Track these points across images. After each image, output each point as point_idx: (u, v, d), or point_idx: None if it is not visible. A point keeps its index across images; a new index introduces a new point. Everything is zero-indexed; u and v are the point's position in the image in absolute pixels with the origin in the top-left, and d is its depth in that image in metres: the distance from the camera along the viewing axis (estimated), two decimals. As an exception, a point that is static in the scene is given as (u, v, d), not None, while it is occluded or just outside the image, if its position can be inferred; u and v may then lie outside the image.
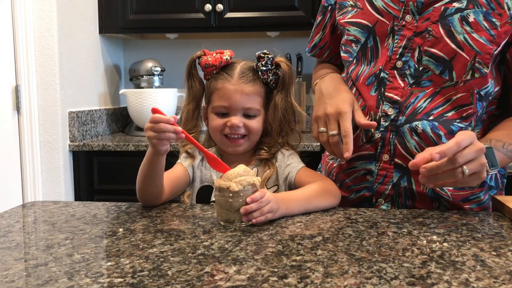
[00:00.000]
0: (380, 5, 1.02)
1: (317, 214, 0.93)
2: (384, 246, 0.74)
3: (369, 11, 1.04)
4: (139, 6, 2.42)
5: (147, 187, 0.98)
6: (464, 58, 0.95)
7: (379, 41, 1.03)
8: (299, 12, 2.34)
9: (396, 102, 1.00)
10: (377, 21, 1.02)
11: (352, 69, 1.08)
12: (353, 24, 1.06)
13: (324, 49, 1.23)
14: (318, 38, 1.22)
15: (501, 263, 0.66)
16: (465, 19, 0.95)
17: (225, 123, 1.07)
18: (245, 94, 1.07)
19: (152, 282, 0.60)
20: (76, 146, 2.21)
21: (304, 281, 0.60)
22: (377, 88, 1.02)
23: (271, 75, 1.09)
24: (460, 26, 0.95)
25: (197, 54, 1.11)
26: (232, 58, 1.11)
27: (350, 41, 1.08)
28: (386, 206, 1.04)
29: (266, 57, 1.09)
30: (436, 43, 0.97)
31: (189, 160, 1.12)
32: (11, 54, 2.05)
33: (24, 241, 0.80)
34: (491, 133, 0.99)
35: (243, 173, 0.87)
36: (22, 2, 2.04)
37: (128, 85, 2.75)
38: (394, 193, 1.03)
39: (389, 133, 1.00)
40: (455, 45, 0.95)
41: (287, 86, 1.11)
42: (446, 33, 0.96)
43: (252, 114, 1.08)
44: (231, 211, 0.85)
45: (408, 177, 1.01)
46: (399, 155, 1.00)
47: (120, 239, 0.79)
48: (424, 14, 0.98)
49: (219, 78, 1.09)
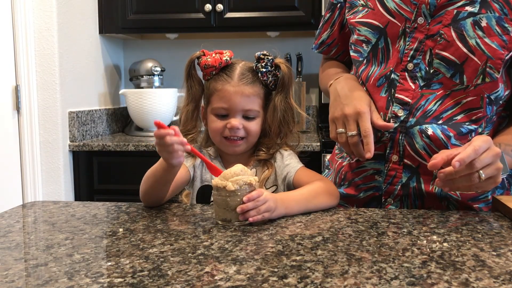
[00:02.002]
0: (392, 6, 1.01)
1: (317, 214, 0.93)
2: (384, 246, 0.74)
3: (380, 12, 1.03)
4: (139, 6, 2.42)
5: (154, 192, 0.98)
6: (475, 63, 0.95)
7: (390, 42, 1.02)
8: (299, 12, 2.34)
9: (407, 103, 0.99)
10: (388, 22, 1.02)
11: (362, 70, 1.08)
12: (363, 24, 1.05)
13: (332, 46, 1.22)
14: (326, 35, 1.21)
15: (501, 263, 0.66)
16: (478, 23, 0.94)
17: (225, 125, 1.07)
18: (245, 95, 1.07)
19: (152, 282, 0.60)
20: (76, 146, 2.21)
21: (304, 281, 0.60)
22: (387, 89, 1.02)
23: (270, 76, 1.09)
24: (472, 31, 0.94)
25: (196, 54, 1.10)
26: (232, 59, 1.10)
27: (360, 41, 1.07)
28: (396, 206, 1.04)
29: (266, 58, 1.09)
30: (448, 47, 0.96)
31: (190, 160, 1.12)
32: (11, 54, 2.05)
33: (24, 241, 0.80)
34: (500, 137, 0.99)
35: (240, 172, 0.88)
36: (22, 2, 2.05)
37: (128, 85, 2.75)
38: (403, 193, 1.03)
39: (398, 134, 1.00)
40: (467, 49, 0.95)
41: (286, 88, 1.11)
42: (458, 37, 0.95)
43: (252, 116, 1.08)
44: (228, 210, 0.86)
45: (418, 177, 1.01)
46: (408, 156, 1.01)
47: (120, 239, 0.79)
48: (436, 17, 0.97)
49: (218, 79, 1.08)
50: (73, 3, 2.25)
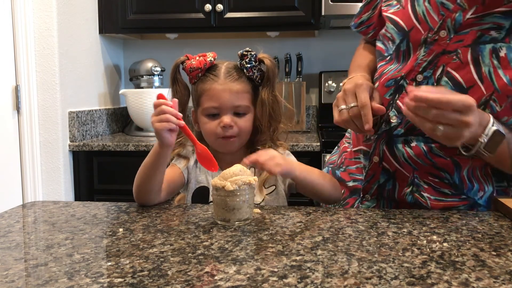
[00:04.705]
0: (420, 11, 0.98)
1: (317, 214, 0.93)
2: (384, 246, 0.74)
3: (408, 13, 1.00)
4: (139, 6, 2.42)
5: (146, 182, 0.98)
6: (481, 92, 0.90)
7: (412, 47, 0.99)
8: (299, 12, 2.33)
9: (402, 112, 0.98)
10: (413, 27, 0.99)
11: (381, 64, 1.07)
12: (392, 22, 1.04)
13: (370, 28, 1.19)
14: (366, 16, 1.18)
15: (501, 263, 0.66)
16: (496, 51, 0.89)
17: (218, 124, 1.09)
18: (233, 92, 1.08)
19: (152, 282, 0.60)
20: (76, 146, 2.21)
21: (304, 281, 0.60)
22: (392, 93, 1.01)
23: (256, 71, 1.11)
24: (489, 58, 0.89)
25: (181, 59, 1.13)
26: (215, 59, 1.12)
27: (387, 37, 1.06)
28: (372, 202, 1.06)
29: (249, 54, 1.11)
30: (460, 68, 0.92)
31: (183, 161, 1.12)
32: (11, 54, 2.05)
33: (24, 241, 0.80)
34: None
35: (239, 172, 0.88)
36: (22, 2, 2.05)
37: (128, 85, 2.75)
38: (379, 193, 1.05)
39: (382, 138, 1.01)
40: (477, 76, 0.90)
41: (272, 81, 1.13)
42: (473, 60, 0.91)
43: (242, 112, 1.10)
44: (227, 210, 0.86)
45: (393, 182, 1.03)
46: (386, 160, 1.02)
47: (120, 239, 0.79)
48: (460, 34, 0.93)
49: (206, 80, 1.10)
50: (73, 3, 2.25)
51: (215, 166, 1.00)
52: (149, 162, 0.98)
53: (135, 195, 1.01)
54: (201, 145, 1.00)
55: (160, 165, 0.98)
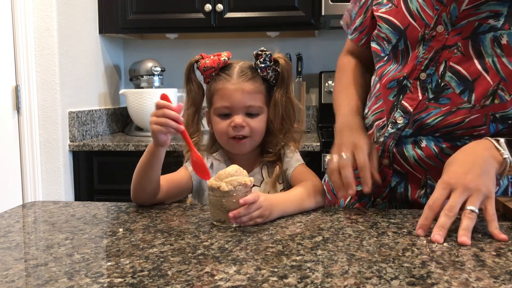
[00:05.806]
0: (414, 8, 0.96)
1: (317, 214, 0.93)
2: (384, 246, 0.74)
3: (402, 11, 0.98)
4: (139, 6, 2.42)
5: (142, 182, 0.98)
6: (487, 82, 0.89)
7: (410, 46, 0.98)
8: (299, 12, 2.34)
9: (408, 112, 0.97)
10: (409, 24, 0.97)
11: (380, 66, 1.05)
12: (385, 21, 1.01)
13: (363, 34, 1.15)
14: (359, 21, 1.14)
15: (501, 263, 0.66)
16: (498, 40, 0.87)
17: (229, 124, 1.07)
18: (246, 92, 1.06)
19: (152, 282, 0.60)
20: (76, 146, 2.21)
21: (304, 281, 0.60)
22: (396, 94, 0.99)
23: (270, 71, 1.09)
24: (491, 48, 0.88)
25: (195, 58, 1.11)
26: (230, 59, 1.11)
27: (382, 38, 1.03)
28: (384, 206, 1.04)
29: (264, 54, 1.09)
30: (463, 61, 0.91)
31: None
32: (11, 54, 2.05)
33: (24, 241, 0.80)
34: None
35: (235, 173, 0.87)
36: (22, 2, 2.05)
37: (128, 85, 2.75)
38: (391, 196, 1.03)
39: (390, 140, 0.99)
40: (481, 67, 0.89)
41: (286, 82, 1.11)
42: (475, 52, 0.89)
43: (255, 113, 1.08)
44: (222, 211, 0.85)
45: (406, 184, 1.01)
46: (397, 162, 1.00)
47: (120, 239, 0.79)
48: (458, 27, 0.91)
49: (218, 80, 1.09)
50: (73, 3, 2.25)
51: (208, 175, 0.98)
52: (143, 161, 0.98)
53: (131, 194, 1.00)
54: (196, 153, 0.98)
55: (154, 164, 0.97)
